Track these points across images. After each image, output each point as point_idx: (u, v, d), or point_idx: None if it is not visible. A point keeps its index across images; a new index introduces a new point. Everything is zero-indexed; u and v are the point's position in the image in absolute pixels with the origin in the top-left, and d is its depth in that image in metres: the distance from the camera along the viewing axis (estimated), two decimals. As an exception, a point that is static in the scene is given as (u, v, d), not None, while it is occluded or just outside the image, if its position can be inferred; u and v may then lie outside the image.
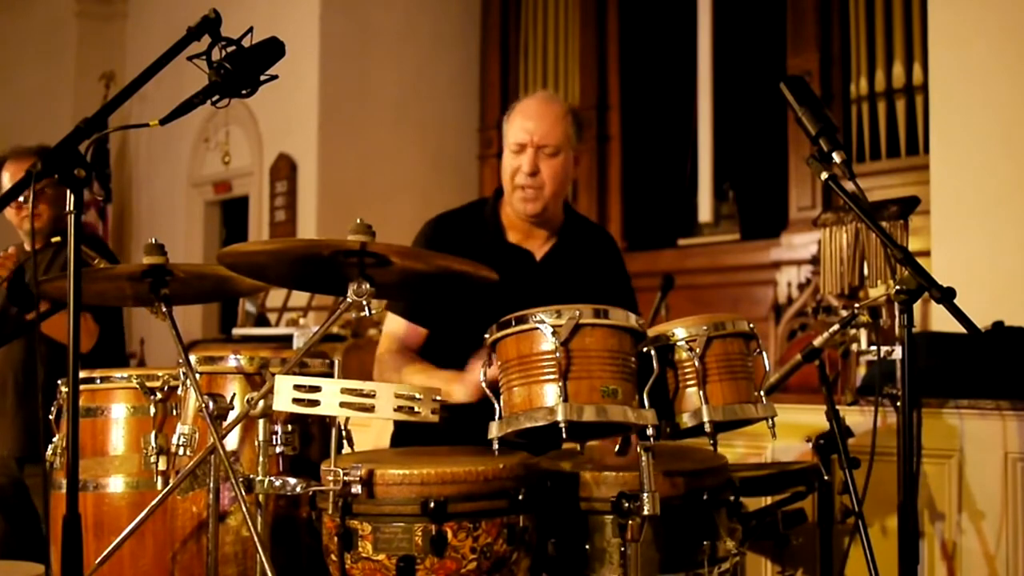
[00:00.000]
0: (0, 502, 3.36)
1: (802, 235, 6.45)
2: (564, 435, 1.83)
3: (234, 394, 2.17)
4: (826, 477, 2.59)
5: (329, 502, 1.85)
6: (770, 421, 2.07)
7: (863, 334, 2.86)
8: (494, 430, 1.88)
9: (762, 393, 2.09)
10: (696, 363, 2.00)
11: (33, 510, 3.32)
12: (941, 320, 3.66)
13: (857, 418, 2.88)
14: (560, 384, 1.81)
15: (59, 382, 2.46)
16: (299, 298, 6.50)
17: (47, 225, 3.40)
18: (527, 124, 2.45)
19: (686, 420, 2.01)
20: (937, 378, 2.98)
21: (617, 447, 2.00)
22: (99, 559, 1.97)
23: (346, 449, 2.09)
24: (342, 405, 1.83)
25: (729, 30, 7.30)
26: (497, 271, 2.09)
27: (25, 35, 9.31)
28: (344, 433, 1.99)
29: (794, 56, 6.61)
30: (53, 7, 9.30)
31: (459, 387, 2.22)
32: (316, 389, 1.83)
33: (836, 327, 2.48)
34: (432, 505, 1.80)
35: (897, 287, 1.93)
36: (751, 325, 2.11)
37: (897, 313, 1.95)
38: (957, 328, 1.84)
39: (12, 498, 3.35)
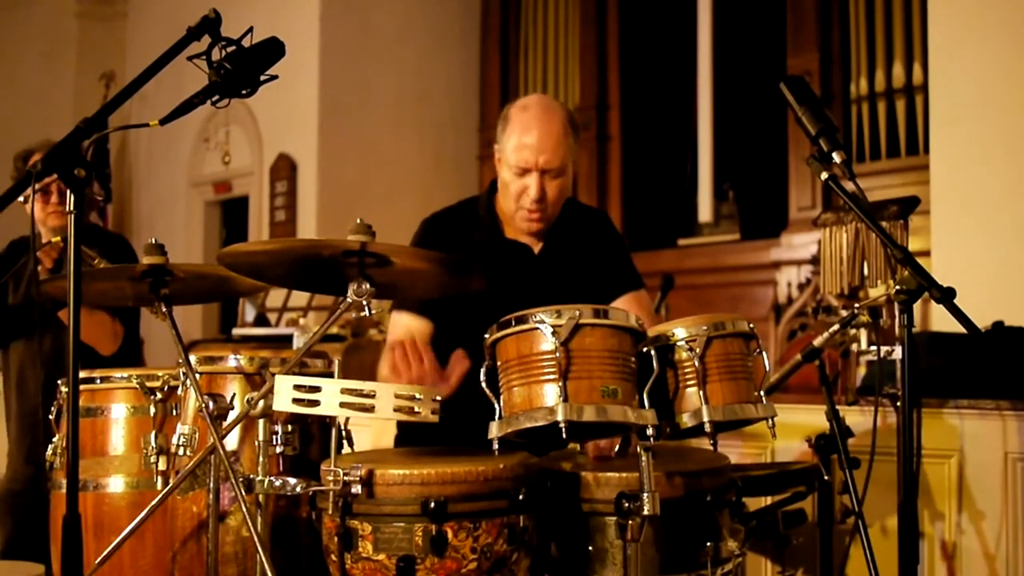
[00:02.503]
0: (14, 508, 3.33)
1: (802, 235, 6.45)
2: (564, 435, 1.83)
3: (234, 394, 2.17)
4: (826, 477, 2.58)
5: (329, 502, 1.85)
6: (770, 421, 2.06)
7: (863, 334, 2.86)
8: (494, 430, 1.87)
9: (762, 393, 2.08)
10: (696, 363, 2.00)
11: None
12: (941, 320, 3.66)
13: (857, 418, 2.88)
14: (560, 384, 1.81)
15: (59, 382, 2.45)
16: (299, 298, 6.50)
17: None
18: (529, 142, 2.37)
19: (686, 420, 2.01)
20: (937, 378, 2.97)
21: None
22: (99, 559, 1.97)
23: (346, 449, 2.09)
24: (342, 405, 1.83)
25: (729, 30, 7.30)
26: (496, 267, 2.08)
27: (25, 35, 9.30)
28: (344, 433, 1.99)
29: (794, 56, 6.61)
30: (53, 7, 9.29)
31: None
32: (316, 389, 1.83)
33: (836, 327, 2.47)
34: (432, 505, 1.80)
35: (897, 287, 1.92)
36: (751, 325, 2.10)
37: (897, 313, 1.95)
38: (957, 328, 1.84)
39: (29, 505, 3.32)
